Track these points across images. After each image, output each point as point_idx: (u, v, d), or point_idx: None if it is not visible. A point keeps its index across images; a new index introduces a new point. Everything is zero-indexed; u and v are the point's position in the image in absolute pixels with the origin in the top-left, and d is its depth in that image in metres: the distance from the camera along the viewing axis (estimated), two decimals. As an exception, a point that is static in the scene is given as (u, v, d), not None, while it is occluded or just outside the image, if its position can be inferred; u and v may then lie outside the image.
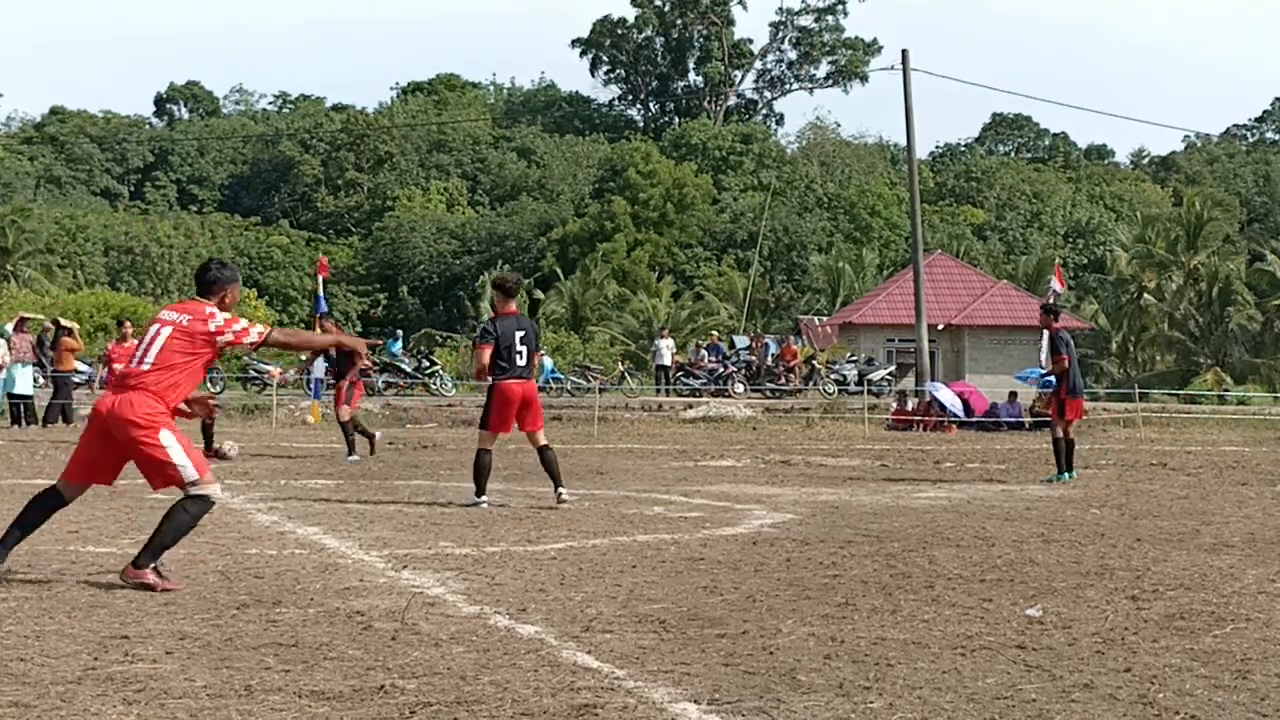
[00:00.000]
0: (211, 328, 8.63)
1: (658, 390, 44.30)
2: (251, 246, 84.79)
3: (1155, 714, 5.76)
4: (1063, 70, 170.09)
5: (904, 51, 43.04)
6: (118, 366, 23.08)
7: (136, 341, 8.86)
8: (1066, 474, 18.24)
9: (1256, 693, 6.16)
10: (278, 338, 9.05)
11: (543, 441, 13.87)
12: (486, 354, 13.53)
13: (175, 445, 8.43)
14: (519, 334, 13.59)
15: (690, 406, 37.70)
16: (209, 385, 40.54)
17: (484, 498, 13.83)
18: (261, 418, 33.33)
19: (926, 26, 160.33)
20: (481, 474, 13.82)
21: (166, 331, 8.65)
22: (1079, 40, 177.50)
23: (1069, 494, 16.56)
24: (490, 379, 13.69)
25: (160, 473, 8.50)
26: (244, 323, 8.68)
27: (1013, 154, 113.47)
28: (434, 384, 41.49)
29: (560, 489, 13.80)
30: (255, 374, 40.72)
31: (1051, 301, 39.55)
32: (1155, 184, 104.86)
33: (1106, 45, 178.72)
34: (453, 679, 6.19)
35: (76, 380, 31.65)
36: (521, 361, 13.55)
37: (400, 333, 54.70)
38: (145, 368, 8.57)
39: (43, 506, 8.75)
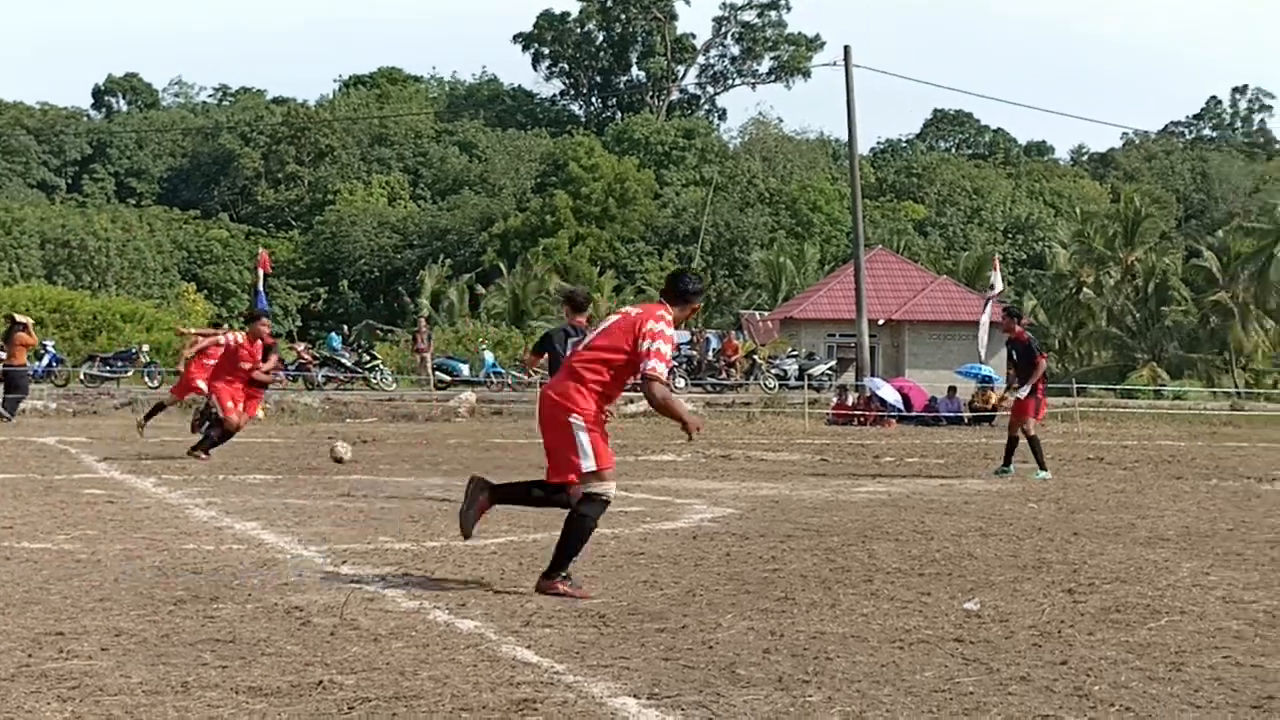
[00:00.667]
0: (645, 326, 8.20)
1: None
2: (190, 240, 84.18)
3: (1091, 706, 5.80)
4: (1003, 67, 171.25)
5: (846, 48, 43.33)
6: (209, 363, 21.15)
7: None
8: (1010, 468, 18.39)
9: (1190, 684, 6.22)
10: (659, 393, 8.26)
11: None
12: (535, 359, 14.30)
13: (584, 432, 8.18)
14: (571, 340, 13.61)
15: (631, 401, 37.64)
16: (150, 379, 40.23)
17: None
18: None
19: (868, 22, 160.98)
20: None
21: (614, 319, 8.52)
22: (1020, 37, 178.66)
23: (1007, 488, 16.68)
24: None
25: (561, 453, 8.25)
26: (664, 350, 8.18)
27: (953, 150, 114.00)
28: (374, 379, 41.31)
29: None
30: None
31: (994, 295, 39.81)
32: (1094, 180, 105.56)
33: (1047, 42, 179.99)
34: (392, 674, 6.16)
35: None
36: None
37: (345, 328, 54.62)
38: (583, 349, 8.49)
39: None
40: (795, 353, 48.64)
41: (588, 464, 8.10)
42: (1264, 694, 6.05)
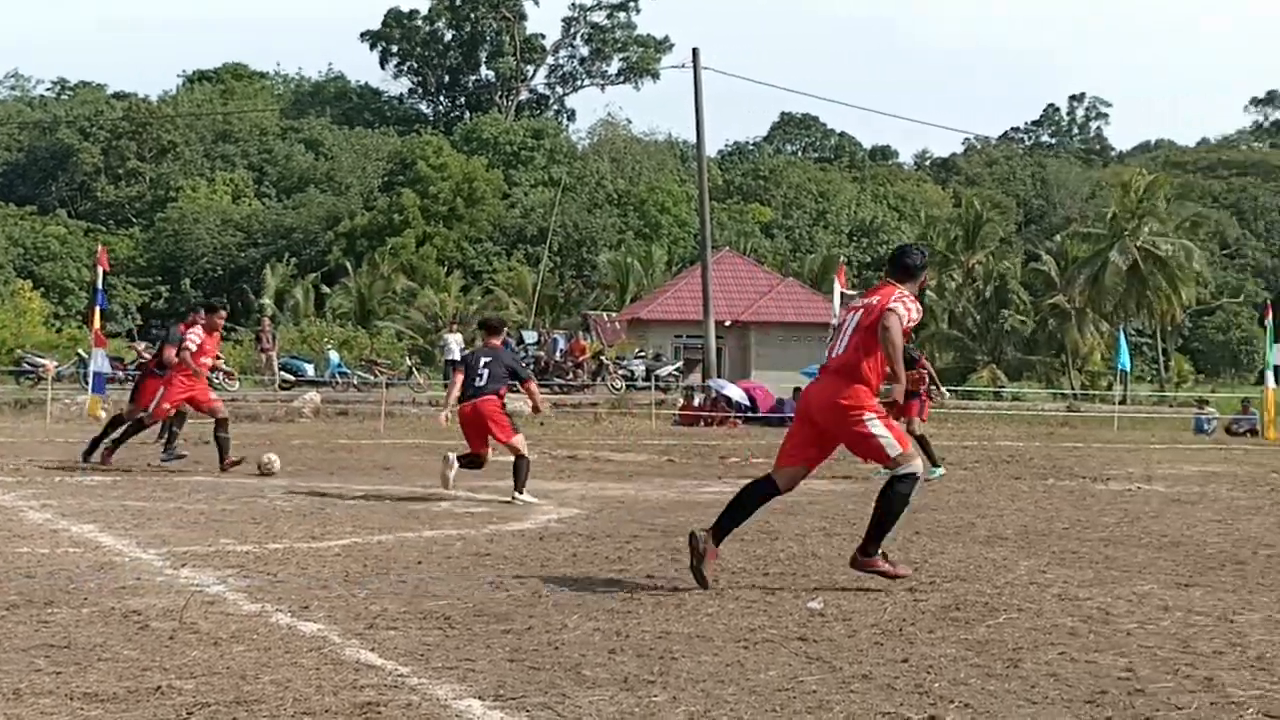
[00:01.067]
0: (889, 303, 8.65)
1: (446, 385, 43.98)
2: (27, 236, 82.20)
3: (931, 703, 5.88)
4: (849, 72, 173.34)
5: (694, 50, 43.55)
6: (205, 359, 19.09)
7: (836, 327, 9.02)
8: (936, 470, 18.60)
9: (1027, 680, 6.34)
10: (893, 324, 8.55)
11: (519, 452, 14.47)
12: (457, 381, 14.57)
13: (878, 424, 8.65)
14: (484, 359, 14.50)
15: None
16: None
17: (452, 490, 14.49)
18: (36, 412, 32.35)
19: (717, 25, 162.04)
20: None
21: (856, 316, 8.81)
22: (866, 42, 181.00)
23: (850, 488, 16.88)
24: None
25: (867, 448, 8.75)
26: (912, 314, 8.68)
27: (800, 154, 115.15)
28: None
29: (515, 493, 14.44)
30: (29, 367, 39.53)
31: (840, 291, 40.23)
32: (936, 185, 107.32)
33: (892, 48, 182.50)
34: (232, 678, 6.07)
35: None
36: (480, 383, 14.36)
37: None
38: (840, 352, 8.80)
39: (757, 494, 8.93)
40: (643, 354, 48.82)
41: (894, 451, 8.66)
42: (1097, 689, 6.18)
